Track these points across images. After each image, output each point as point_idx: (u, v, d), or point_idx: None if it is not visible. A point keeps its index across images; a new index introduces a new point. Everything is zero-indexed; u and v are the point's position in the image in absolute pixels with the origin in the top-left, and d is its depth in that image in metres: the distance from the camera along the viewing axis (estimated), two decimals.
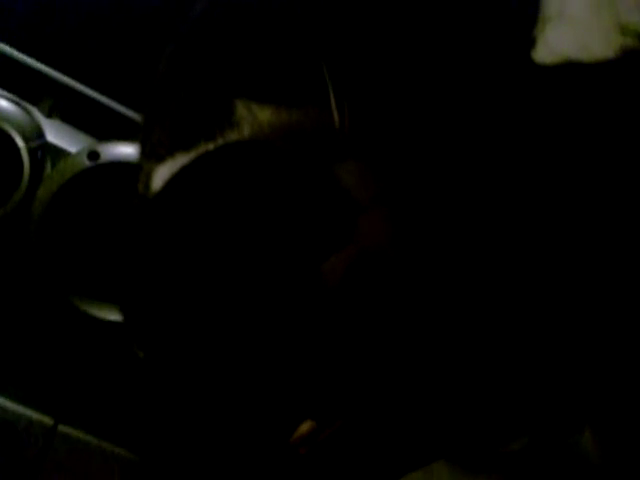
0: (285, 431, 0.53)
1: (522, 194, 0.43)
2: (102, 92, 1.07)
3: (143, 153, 0.56)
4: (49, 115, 1.04)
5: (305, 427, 0.52)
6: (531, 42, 0.42)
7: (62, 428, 1.02)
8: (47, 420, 1.02)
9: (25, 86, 1.03)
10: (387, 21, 0.45)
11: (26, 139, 0.99)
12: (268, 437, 0.54)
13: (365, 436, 0.50)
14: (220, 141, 0.47)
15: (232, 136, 0.47)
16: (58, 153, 1.02)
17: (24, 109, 1.02)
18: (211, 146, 0.47)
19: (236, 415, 0.53)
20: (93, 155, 1.00)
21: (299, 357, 0.46)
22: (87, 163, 1.00)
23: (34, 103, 1.03)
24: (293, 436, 0.53)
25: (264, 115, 0.46)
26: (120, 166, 1.00)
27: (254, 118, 0.47)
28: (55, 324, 1.03)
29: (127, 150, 1.00)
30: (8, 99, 1.02)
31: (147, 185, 0.52)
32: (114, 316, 0.98)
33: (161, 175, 0.50)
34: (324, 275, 0.44)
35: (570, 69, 0.41)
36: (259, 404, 0.50)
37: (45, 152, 1.01)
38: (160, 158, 0.51)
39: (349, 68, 0.45)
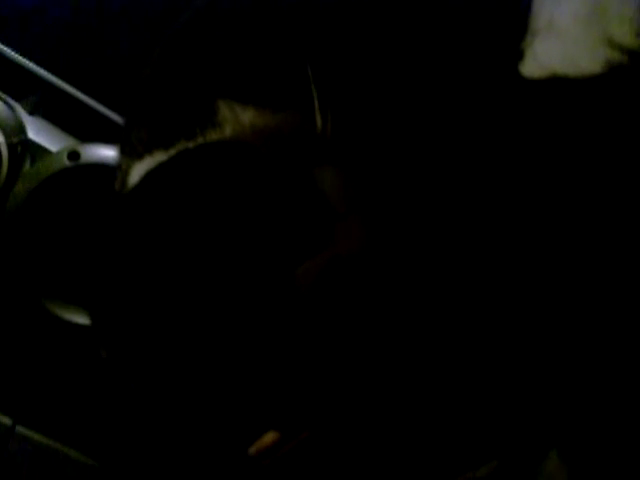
0: (248, 440, 0.51)
1: (502, 205, 0.43)
2: (87, 93, 1.06)
3: (122, 152, 0.55)
4: (32, 112, 1.03)
5: (269, 438, 0.51)
6: (519, 55, 0.42)
7: (20, 429, 1.00)
8: (5, 420, 1.00)
9: (9, 81, 1.02)
10: (374, 29, 0.45)
11: (7, 134, 0.98)
12: (231, 445, 0.53)
13: (331, 449, 0.49)
14: (200, 140, 0.47)
15: (213, 136, 0.47)
16: (38, 151, 1.00)
17: (7, 104, 1.01)
18: (191, 145, 0.47)
19: (200, 420, 0.52)
20: (73, 155, 0.99)
21: (267, 362, 0.45)
22: (67, 163, 0.98)
23: (18, 99, 1.02)
24: (257, 446, 0.52)
25: (246, 116, 0.46)
26: (100, 168, 0.98)
27: (236, 119, 0.46)
28: (20, 323, 1.01)
29: (108, 153, 0.99)
30: None
31: (124, 182, 0.52)
32: (82, 319, 0.96)
33: (138, 171, 0.49)
34: (297, 279, 0.43)
35: (556, 84, 0.41)
36: (225, 410, 0.49)
37: (25, 149, 1.00)
38: (139, 155, 0.50)
39: (334, 73, 0.44)
